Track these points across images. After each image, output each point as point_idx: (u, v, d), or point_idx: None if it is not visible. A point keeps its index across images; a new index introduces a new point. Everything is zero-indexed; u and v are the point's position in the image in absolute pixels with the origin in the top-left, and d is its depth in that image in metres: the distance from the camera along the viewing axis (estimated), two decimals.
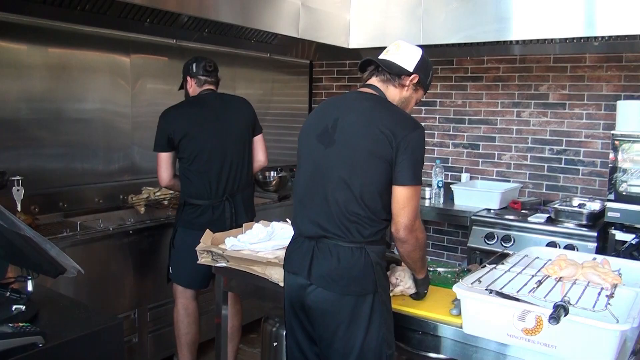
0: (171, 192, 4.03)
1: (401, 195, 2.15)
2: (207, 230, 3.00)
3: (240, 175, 3.59)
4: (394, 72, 2.30)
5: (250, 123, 3.69)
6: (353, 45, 4.81)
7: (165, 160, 3.51)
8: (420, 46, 2.41)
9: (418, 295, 2.45)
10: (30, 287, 2.03)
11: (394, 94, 2.33)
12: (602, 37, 3.85)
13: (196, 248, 2.92)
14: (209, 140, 3.46)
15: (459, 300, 2.16)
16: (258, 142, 3.75)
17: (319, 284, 2.20)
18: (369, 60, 2.36)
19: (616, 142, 3.76)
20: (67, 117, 3.91)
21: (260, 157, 3.76)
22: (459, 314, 2.19)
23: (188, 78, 3.62)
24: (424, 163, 2.25)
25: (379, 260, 2.21)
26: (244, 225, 3.13)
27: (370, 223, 2.18)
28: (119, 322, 1.98)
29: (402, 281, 2.46)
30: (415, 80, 2.33)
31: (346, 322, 2.18)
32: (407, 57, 2.33)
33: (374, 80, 2.35)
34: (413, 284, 2.45)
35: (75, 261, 2.08)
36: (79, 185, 4.00)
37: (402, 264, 2.48)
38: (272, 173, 5.09)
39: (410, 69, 2.31)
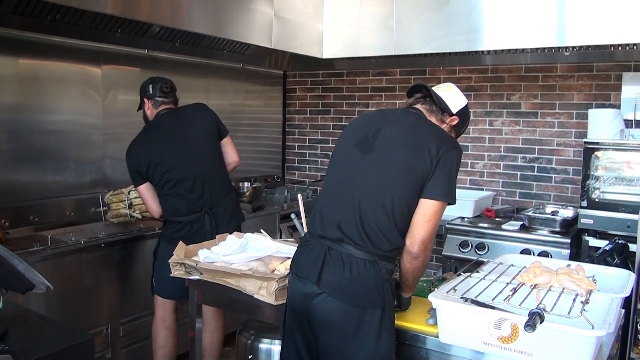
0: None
1: (429, 208, 2.15)
2: (180, 242, 2.96)
3: (215, 185, 3.53)
4: (440, 106, 2.35)
5: (213, 128, 3.62)
6: (326, 55, 4.82)
7: (146, 191, 3.48)
8: (392, 56, 2.43)
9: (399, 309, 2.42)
10: None
11: None
12: (573, 47, 3.89)
13: (169, 260, 2.88)
14: (173, 163, 3.41)
15: (435, 309, 2.15)
16: (227, 144, 3.69)
17: (329, 292, 2.17)
18: (420, 87, 2.42)
19: (588, 150, 3.80)
20: (37, 128, 3.85)
21: (232, 157, 3.71)
22: (436, 324, 2.18)
23: (145, 100, 3.57)
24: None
25: (388, 277, 2.20)
26: (217, 236, 3.10)
27: (390, 237, 2.17)
28: (90, 338, 1.94)
29: None
30: (454, 123, 2.39)
31: (352, 335, 2.16)
32: (455, 99, 2.39)
33: (419, 106, 2.39)
34: None
35: (46, 276, 2.03)
36: (50, 198, 3.94)
37: None
38: (245, 184, 5.06)
39: (454, 111, 2.36)
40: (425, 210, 2.15)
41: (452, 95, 2.39)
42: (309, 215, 2.45)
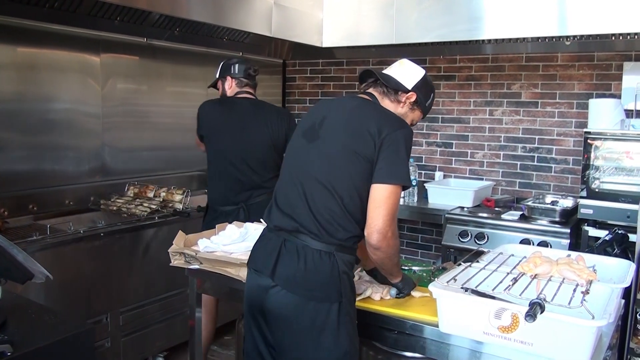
0: (154, 205, 4.01)
1: (377, 193, 2.09)
2: (180, 231, 2.96)
3: (256, 182, 3.54)
4: (391, 87, 2.29)
5: (279, 136, 3.59)
6: (326, 44, 4.80)
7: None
8: (393, 45, 2.39)
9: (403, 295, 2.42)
10: None
11: (388, 107, 2.30)
12: (574, 36, 3.89)
13: (168, 250, 2.87)
14: (228, 145, 3.49)
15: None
16: None
17: (283, 285, 2.12)
18: (368, 72, 2.36)
19: (588, 140, 3.80)
20: (36, 117, 3.83)
21: None
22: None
23: (229, 78, 3.66)
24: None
25: (346, 270, 2.15)
26: (217, 226, 3.09)
27: (344, 225, 2.12)
28: (90, 328, 1.94)
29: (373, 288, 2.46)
30: (413, 99, 2.31)
31: (307, 329, 2.10)
32: (408, 75, 2.32)
33: (371, 90, 2.34)
34: (382, 290, 2.44)
35: (45, 265, 2.03)
36: (48, 187, 3.92)
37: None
38: None
39: (409, 87, 2.30)
40: (375, 196, 2.09)
41: (404, 71, 2.33)
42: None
